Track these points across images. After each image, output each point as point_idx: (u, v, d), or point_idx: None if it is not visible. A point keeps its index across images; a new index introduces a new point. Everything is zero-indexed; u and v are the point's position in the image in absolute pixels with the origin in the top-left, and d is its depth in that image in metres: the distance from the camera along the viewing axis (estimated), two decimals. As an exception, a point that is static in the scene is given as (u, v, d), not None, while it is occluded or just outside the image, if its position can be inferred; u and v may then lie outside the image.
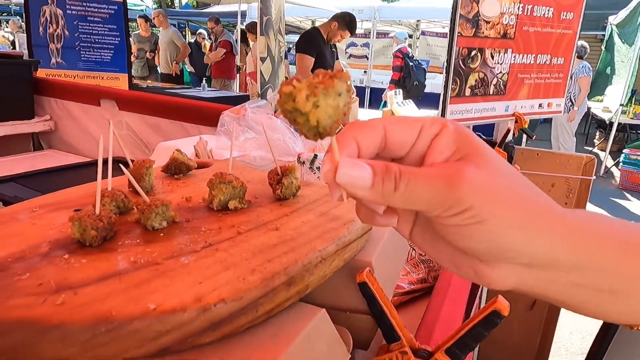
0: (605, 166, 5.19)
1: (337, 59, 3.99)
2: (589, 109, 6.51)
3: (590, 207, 2.58)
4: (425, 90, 5.02)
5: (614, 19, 6.46)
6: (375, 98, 7.49)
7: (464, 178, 0.19)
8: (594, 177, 1.24)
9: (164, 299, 0.21)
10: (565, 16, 1.12)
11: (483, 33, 0.98)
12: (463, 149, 0.21)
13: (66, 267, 0.24)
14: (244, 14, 8.42)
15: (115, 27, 4.05)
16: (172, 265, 0.25)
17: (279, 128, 0.67)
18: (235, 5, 7.95)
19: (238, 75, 6.86)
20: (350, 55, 11.36)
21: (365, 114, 4.98)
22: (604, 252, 0.22)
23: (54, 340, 0.20)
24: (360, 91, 8.56)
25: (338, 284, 0.31)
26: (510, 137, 1.16)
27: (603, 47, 7.34)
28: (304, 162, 0.64)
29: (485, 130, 1.20)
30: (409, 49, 5.29)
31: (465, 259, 0.22)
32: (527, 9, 1.04)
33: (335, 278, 0.31)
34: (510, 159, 1.10)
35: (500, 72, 1.06)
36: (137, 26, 6.35)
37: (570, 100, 5.67)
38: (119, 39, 4.09)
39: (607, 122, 6.00)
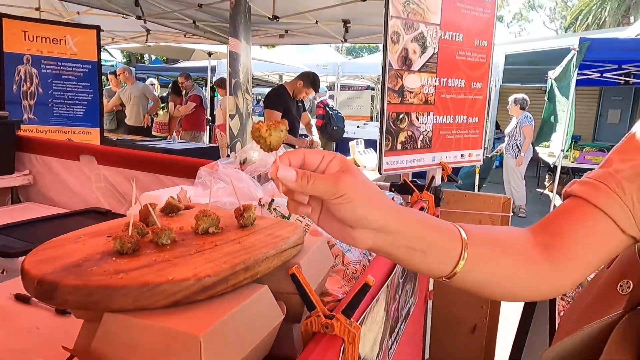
0: (554, 205, 5.61)
1: (304, 111, 4.28)
2: (536, 154, 7.08)
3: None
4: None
5: (552, 73, 7.13)
6: (340, 148, 7.83)
7: (342, 178, 0.39)
8: (511, 214, 1.49)
9: (177, 274, 0.40)
10: (475, 85, 1.41)
11: (408, 101, 1.24)
12: (344, 167, 0.41)
13: (116, 263, 0.42)
14: (213, 69, 8.80)
15: (89, 84, 4.24)
16: (178, 261, 0.43)
17: (244, 179, 0.86)
18: (206, 61, 8.33)
19: (208, 127, 7.08)
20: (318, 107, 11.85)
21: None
22: (414, 225, 0.42)
23: (119, 296, 0.38)
24: (327, 140, 8.86)
25: (280, 276, 0.50)
26: (439, 182, 1.40)
27: (546, 98, 8.04)
28: (263, 205, 0.83)
29: (420, 176, 1.44)
30: (329, 101, 6.03)
31: (344, 228, 0.41)
32: (443, 81, 1.32)
33: (278, 272, 0.50)
34: (437, 200, 1.33)
35: (425, 130, 1.31)
36: (108, 81, 6.56)
37: (518, 147, 6.18)
38: (92, 95, 4.28)
39: (552, 165, 6.52)
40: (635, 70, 6.71)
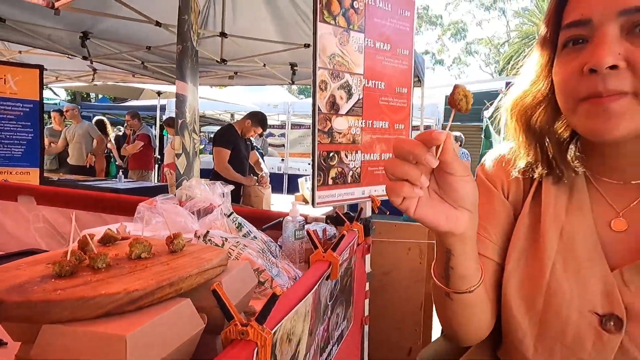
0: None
1: (253, 149, 4.39)
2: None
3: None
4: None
5: (487, 113, 7.72)
6: (292, 184, 7.96)
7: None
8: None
9: (109, 289, 0.48)
10: (399, 126, 1.59)
11: (337, 140, 1.39)
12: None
13: (55, 283, 0.50)
14: (163, 108, 8.78)
15: (29, 123, 4.14)
16: (111, 280, 0.51)
17: (181, 213, 0.94)
18: (155, 100, 8.31)
19: (157, 166, 6.99)
20: (270, 144, 12.04)
21: (283, 199, 5.35)
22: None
23: (57, 309, 0.45)
24: (279, 177, 8.99)
25: (203, 292, 0.58)
26: (369, 213, 1.54)
27: (482, 136, 8.65)
28: (199, 237, 0.91)
29: (353, 208, 1.58)
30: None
31: (448, 209, 0.49)
32: (368, 123, 1.48)
33: (202, 289, 0.58)
34: (367, 230, 1.46)
35: (354, 167, 1.46)
36: (51, 120, 6.37)
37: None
38: (32, 134, 4.17)
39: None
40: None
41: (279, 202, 4.35)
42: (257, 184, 3.78)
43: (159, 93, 7.48)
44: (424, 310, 1.64)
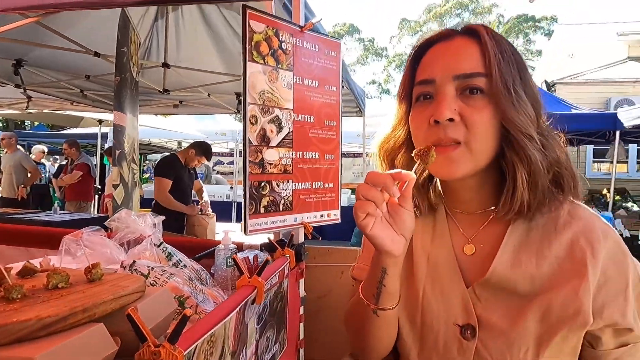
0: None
1: (196, 178, 4.37)
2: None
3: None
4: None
5: None
6: (241, 212, 7.86)
7: None
8: (366, 264, 1.75)
9: (21, 317, 0.52)
10: (329, 157, 1.70)
11: (268, 171, 1.47)
12: None
13: (-33, 314, 0.53)
14: (105, 136, 8.49)
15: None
16: (25, 308, 0.55)
17: (108, 244, 0.97)
18: (96, 128, 8.03)
19: (97, 196, 6.71)
20: (218, 172, 11.89)
21: (231, 226, 5.31)
22: None
23: (-33, 337, 0.48)
24: (227, 205, 8.88)
25: (119, 317, 0.63)
26: (301, 239, 1.61)
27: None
28: (125, 267, 0.94)
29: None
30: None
31: (393, 234, 0.60)
32: (299, 154, 1.58)
33: (118, 314, 0.63)
34: (299, 255, 1.54)
35: (286, 195, 1.54)
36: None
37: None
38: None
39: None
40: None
41: (229, 231, 4.33)
42: (200, 212, 3.76)
43: (100, 121, 7.25)
44: (358, 330, 1.71)
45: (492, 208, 0.72)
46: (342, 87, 3.34)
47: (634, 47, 11.38)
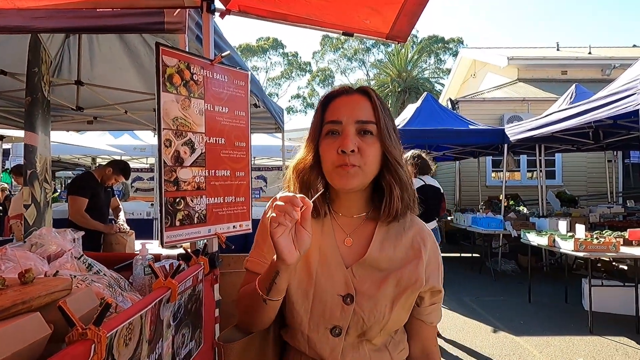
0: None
1: (113, 196, 4.29)
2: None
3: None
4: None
5: None
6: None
7: None
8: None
9: (-27, 308, 0.67)
10: (239, 174, 1.92)
11: (183, 188, 1.65)
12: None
13: None
14: (7, 153, 7.85)
15: None
16: (-27, 303, 0.70)
17: (31, 257, 1.10)
18: (-3, 145, 7.41)
19: (-2, 218, 6.21)
20: (137, 189, 11.43)
21: (152, 243, 5.22)
22: None
23: None
24: (147, 223, 8.60)
25: (53, 308, 0.80)
26: (216, 248, 1.80)
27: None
28: (49, 276, 1.08)
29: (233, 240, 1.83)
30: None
31: (291, 245, 0.78)
32: (211, 172, 1.78)
33: (52, 306, 0.79)
34: (212, 263, 1.73)
35: (200, 209, 1.73)
36: None
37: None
38: None
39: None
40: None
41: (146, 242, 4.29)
42: (118, 231, 3.72)
43: (1, 137, 6.73)
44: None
45: (364, 214, 1.01)
46: (259, 106, 3.57)
47: (522, 70, 13.03)
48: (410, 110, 8.66)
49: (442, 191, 4.33)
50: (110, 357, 0.88)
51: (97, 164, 9.19)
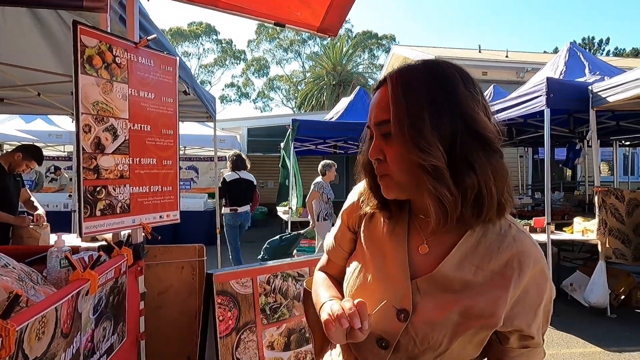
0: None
1: (24, 186, 3.94)
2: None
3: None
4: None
5: (282, 144, 8.54)
6: (83, 221, 7.15)
7: None
8: (205, 258, 1.97)
9: None
10: (166, 162, 1.86)
11: (104, 176, 1.57)
12: None
13: None
14: None
15: None
16: None
17: None
18: None
19: None
20: (52, 180, 10.58)
21: (70, 236, 4.85)
22: None
23: None
24: (65, 215, 8.02)
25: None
26: (140, 239, 1.74)
27: (280, 166, 9.48)
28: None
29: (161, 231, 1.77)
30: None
31: (342, 339, 0.72)
32: (136, 160, 1.71)
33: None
34: (137, 254, 1.67)
35: (123, 199, 1.66)
36: None
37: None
38: None
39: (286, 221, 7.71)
40: (336, 143, 8.88)
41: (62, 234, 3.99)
42: (32, 224, 3.42)
43: None
44: (198, 320, 1.90)
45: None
46: (188, 94, 3.46)
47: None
48: (343, 103, 8.85)
49: (255, 183, 5.50)
50: (21, 351, 0.83)
51: (4, 151, 8.32)
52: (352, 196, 0.95)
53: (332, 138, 8.52)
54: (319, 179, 5.79)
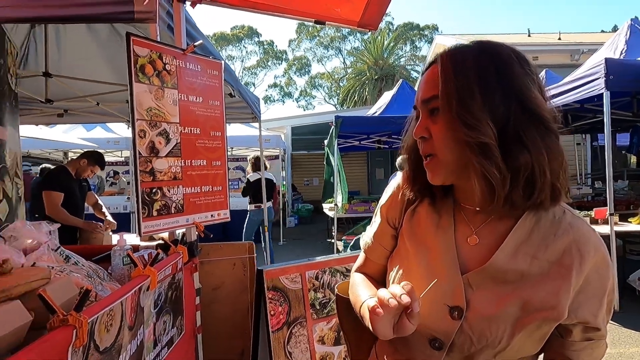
0: (337, 249, 6.70)
1: (90, 190, 4.21)
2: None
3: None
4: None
5: (326, 142, 8.59)
6: (140, 222, 7.55)
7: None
8: (255, 255, 2.03)
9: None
10: (216, 163, 1.93)
11: (159, 178, 1.66)
12: None
13: None
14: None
15: None
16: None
17: (7, 250, 1.10)
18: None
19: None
20: (112, 184, 11.23)
21: (130, 236, 5.16)
22: None
23: None
24: (124, 217, 8.49)
25: (33, 297, 0.81)
26: (194, 237, 1.82)
27: (325, 163, 9.54)
28: (22, 265, 1.08)
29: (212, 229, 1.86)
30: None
31: (388, 331, 0.66)
32: (187, 162, 1.79)
33: (30, 294, 0.81)
34: (191, 251, 1.75)
35: (177, 199, 1.74)
36: None
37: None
38: None
39: (332, 217, 7.72)
40: (380, 138, 8.79)
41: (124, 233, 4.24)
42: (102, 230, 3.63)
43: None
44: (251, 314, 1.96)
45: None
46: (234, 96, 3.56)
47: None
48: (386, 97, 8.73)
49: (275, 182, 6.17)
50: (92, 342, 0.90)
51: (69, 158, 8.96)
52: (390, 189, 0.91)
53: (376, 133, 8.43)
54: (397, 173, 5.85)
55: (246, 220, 5.84)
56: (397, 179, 0.90)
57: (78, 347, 0.83)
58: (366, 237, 0.95)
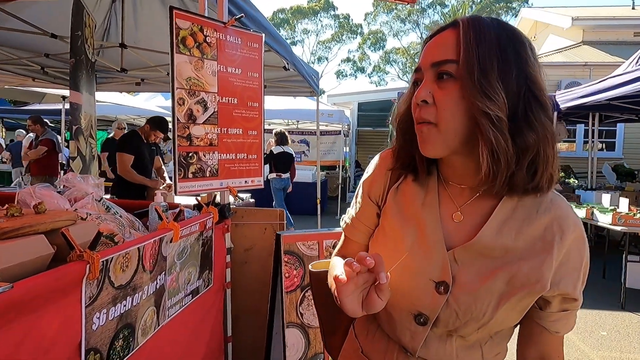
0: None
1: (157, 155, 4.59)
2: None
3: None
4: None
5: (390, 119, 8.44)
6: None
7: None
8: (285, 222, 2.13)
9: (-11, 226, 0.85)
10: (252, 132, 2.04)
11: (195, 144, 1.80)
12: None
13: (-46, 226, 0.85)
14: (69, 112, 8.47)
15: None
16: (-9, 223, 0.88)
17: (56, 196, 1.29)
18: (60, 104, 8.02)
19: (62, 172, 6.84)
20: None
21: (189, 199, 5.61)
22: None
23: (-44, 236, 0.81)
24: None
25: (57, 234, 0.97)
26: (227, 200, 1.96)
27: (388, 140, 9.42)
28: (67, 209, 1.27)
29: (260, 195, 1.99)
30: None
31: (357, 309, 0.67)
32: (224, 130, 1.91)
33: (55, 232, 0.97)
34: (222, 213, 1.89)
35: (212, 164, 1.88)
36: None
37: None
38: None
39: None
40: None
41: (161, 191, 4.61)
42: (162, 187, 4.01)
43: (63, 97, 7.29)
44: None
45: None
46: (288, 69, 3.64)
47: (588, 32, 11.97)
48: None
49: (294, 156, 6.54)
50: (107, 278, 1.05)
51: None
52: (373, 164, 0.88)
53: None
54: None
55: (271, 189, 6.36)
56: (381, 155, 0.89)
57: (92, 279, 0.98)
58: (346, 218, 0.93)
